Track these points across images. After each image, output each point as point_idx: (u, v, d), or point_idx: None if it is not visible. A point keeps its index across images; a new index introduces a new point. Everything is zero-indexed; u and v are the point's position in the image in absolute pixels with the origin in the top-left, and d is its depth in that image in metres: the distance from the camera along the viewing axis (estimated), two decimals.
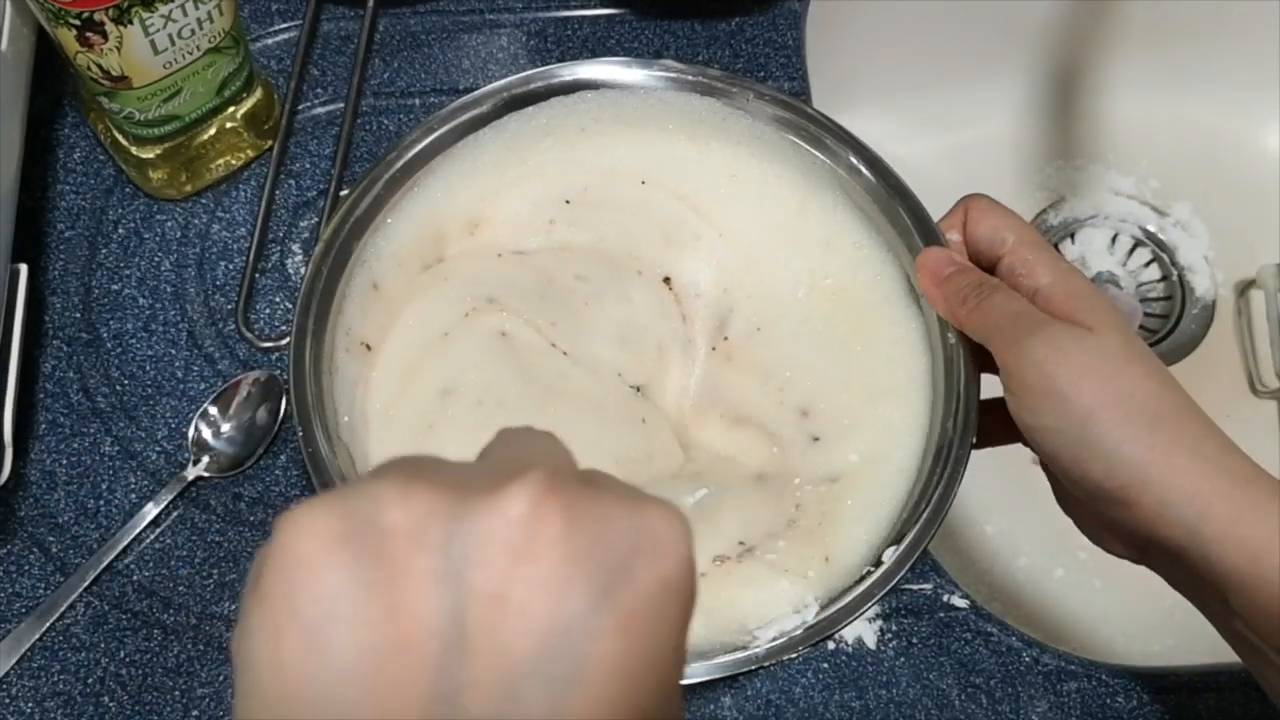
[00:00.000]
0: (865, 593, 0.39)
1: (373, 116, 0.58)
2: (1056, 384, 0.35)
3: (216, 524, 0.50)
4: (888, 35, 0.70)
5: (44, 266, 0.54)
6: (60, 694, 0.47)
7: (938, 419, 0.42)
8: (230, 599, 0.49)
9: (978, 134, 0.75)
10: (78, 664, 0.47)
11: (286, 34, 0.60)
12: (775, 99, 0.46)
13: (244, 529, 0.50)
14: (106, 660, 0.48)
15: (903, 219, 0.44)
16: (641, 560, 0.21)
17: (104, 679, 0.47)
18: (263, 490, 0.51)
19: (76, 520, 0.50)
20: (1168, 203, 0.73)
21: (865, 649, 0.50)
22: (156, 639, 0.48)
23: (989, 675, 0.50)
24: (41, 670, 0.47)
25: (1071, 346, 0.35)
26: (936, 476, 0.41)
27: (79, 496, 0.50)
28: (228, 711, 0.47)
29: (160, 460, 0.51)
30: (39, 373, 0.52)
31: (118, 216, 0.55)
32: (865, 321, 0.45)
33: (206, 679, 0.48)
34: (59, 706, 0.47)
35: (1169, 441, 0.34)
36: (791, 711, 0.49)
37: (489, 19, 0.61)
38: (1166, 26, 0.72)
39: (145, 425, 0.51)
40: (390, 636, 0.19)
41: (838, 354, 0.45)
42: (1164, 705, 0.50)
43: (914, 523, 0.40)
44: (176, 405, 0.52)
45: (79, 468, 0.51)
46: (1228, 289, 0.72)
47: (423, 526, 0.20)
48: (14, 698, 0.47)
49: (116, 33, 0.45)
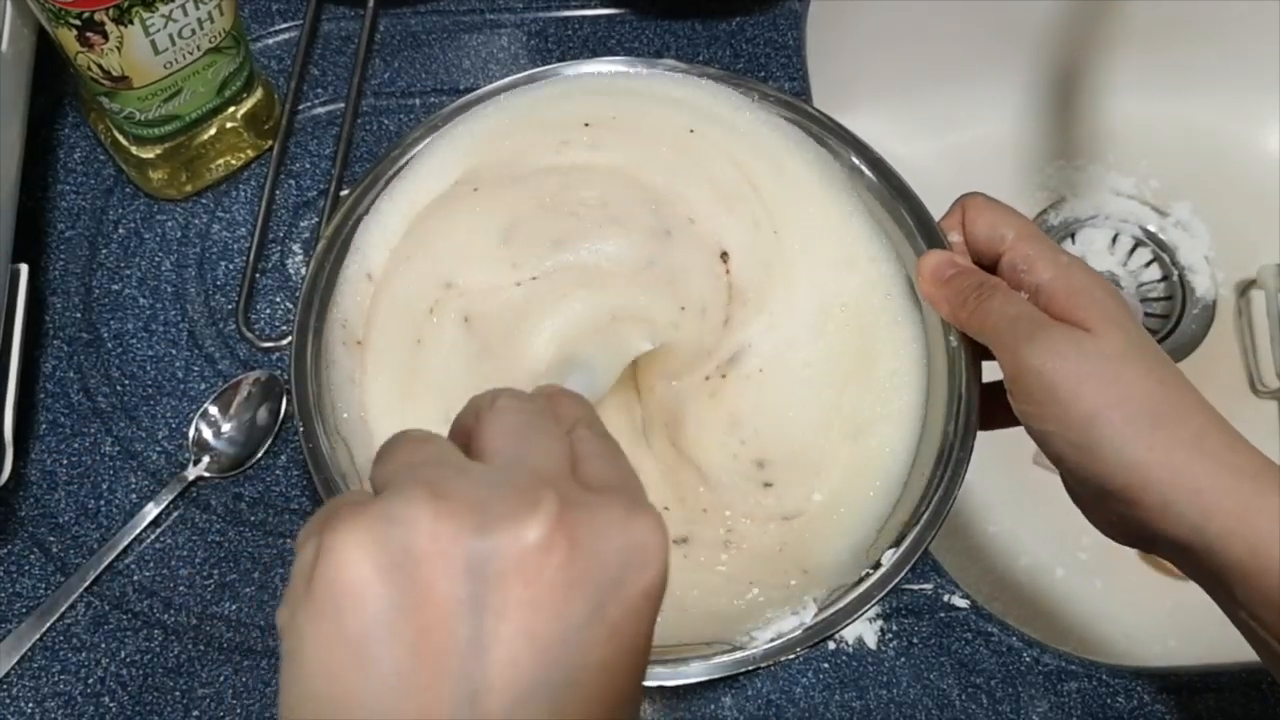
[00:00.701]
0: (864, 595, 0.39)
1: (373, 116, 0.58)
2: (1057, 392, 0.35)
3: (217, 524, 0.50)
4: (888, 35, 0.70)
5: (44, 266, 0.54)
6: (61, 694, 0.47)
7: (936, 426, 0.42)
8: (231, 599, 0.49)
9: (978, 134, 0.75)
10: (78, 664, 0.47)
11: (287, 34, 0.60)
12: (779, 99, 0.46)
13: (244, 529, 0.50)
14: (107, 660, 0.48)
15: (906, 221, 0.44)
16: (629, 574, 0.24)
17: (104, 679, 0.47)
18: (263, 490, 0.51)
19: (77, 520, 0.50)
20: (1168, 203, 0.73)
21: (866, 649, 0.50)
22: (157, 639, 0.48)
23: (990, 675, 0.50)
24: (42, 670, 0.47)
25: (1070, 351, 0.35)
26: (937, 479, 0.40)
27: (79, 496, 0.50)
28: (228, 712, 0.47)
29: (161, 460, 0.51)
30: (39, 373, 0.52)
31: (118, 216, 0.55)
32: (867, 354, 0.44)
33: (207, 679, 0.48)
34: (59, 706, 0.47)
35: (1169, 439, 0.34)
36: (792, 711, 0.49)
37: (489, 19, 0.61)
38: (1167, 27, 0.72)
39: (146, 425, 0.51)
40: (421, 652, 0.23)
41: (830, 396, 0.44)
42: (1164, 705, 0.50)
43: (913, 525, 0.40)
44: (177, 405, 0.52)
45: (79, 468, 0.51)
46: (1228, 289, 0.72)
47: (450, 555, 0.23)
48: (14, 697, 0.47)
49: (117, 33, 0.45)
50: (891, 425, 0.43)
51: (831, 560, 0.41)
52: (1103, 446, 0.35)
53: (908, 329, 0.44)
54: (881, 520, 0.42)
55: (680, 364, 0.44)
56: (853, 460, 0.43)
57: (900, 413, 0.43)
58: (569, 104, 0.46)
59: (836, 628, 0.39)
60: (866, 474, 0.43)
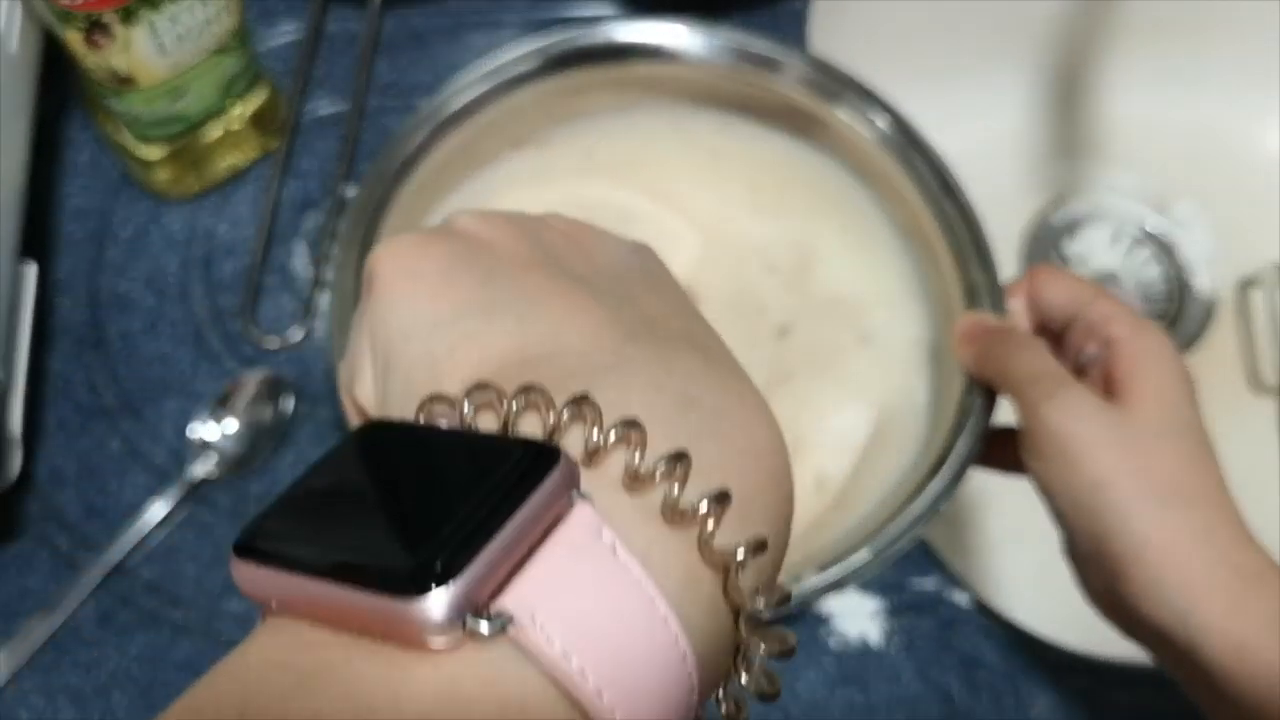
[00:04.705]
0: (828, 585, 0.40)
1: (378, 116, 0.59)
2: (1069, 452, 0.35)
3: (224, 522, 0.50)
4: (889, 34, 0.70)
5: (51, 266, 0.54)
6: (70, 690, 0.47)
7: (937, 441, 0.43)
8: (238, 597, 0.49)
9: (978, 132, 0.75)
10: (87, 660, 0.48)
11: (292, 34, 0.60)
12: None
13: None
14: (116, 657, 0.48)
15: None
16: (648, 260, 0.27)
17: (114, 675, 0.48)
18: (269, 488, 0.51)
19: (85, 518, 0.50)
20: (1168, 201, 0.73)
21: (868, 645, 0.50)
22: (165, 636, 0.48)
23: (992, 671, 0.50)
24: (52, 666, 0.48)
25: (1090, 415, 0.35)
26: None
27: (87, 495, 0.50)
28: None
29: (167, 459, 0.51)
30: (47, 372, 0.52)
31: (124, 216, 0.56)
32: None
33: None
34: (69, 702, 0.47)
35: (1178, 522, 0.34)
36: (795, 707, 0.49)
37: (493, 18, 0.61)
38: (1168, 25, 0.72)
39: (152, 424, 0.52)
40: (502, 254, 0.24)
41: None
42: (1166, 702, 0.50)
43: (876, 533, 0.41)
44: (183, 404, 0.52)
45: (87, 466, 0.51)
46: (1229, 287, 0.72)
47: (494, 224, 0.25)
48: (25, 693, 0.47)
49: (123, 34, 0.45)
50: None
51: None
52: (1106, 511, 0.34)
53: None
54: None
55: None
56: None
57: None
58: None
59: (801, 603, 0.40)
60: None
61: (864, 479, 0.44)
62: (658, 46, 0.46)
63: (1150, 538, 0.34)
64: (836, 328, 0.47)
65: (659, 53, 0.46)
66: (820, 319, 0.47)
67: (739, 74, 0.46)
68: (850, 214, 0.48)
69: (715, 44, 0.46)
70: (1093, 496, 0.35)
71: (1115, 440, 0.35)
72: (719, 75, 0.47)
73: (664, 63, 0.46)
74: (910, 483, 0.42)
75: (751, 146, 0.48)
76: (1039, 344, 0.39)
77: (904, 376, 0.46)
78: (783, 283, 0.47)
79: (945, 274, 0.45)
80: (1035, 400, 0.36)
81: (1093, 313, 0.39)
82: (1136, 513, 0.34)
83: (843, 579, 0.40)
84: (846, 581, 0.40)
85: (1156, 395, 0.36)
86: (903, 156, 0.45)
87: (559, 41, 0.46)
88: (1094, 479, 0.35)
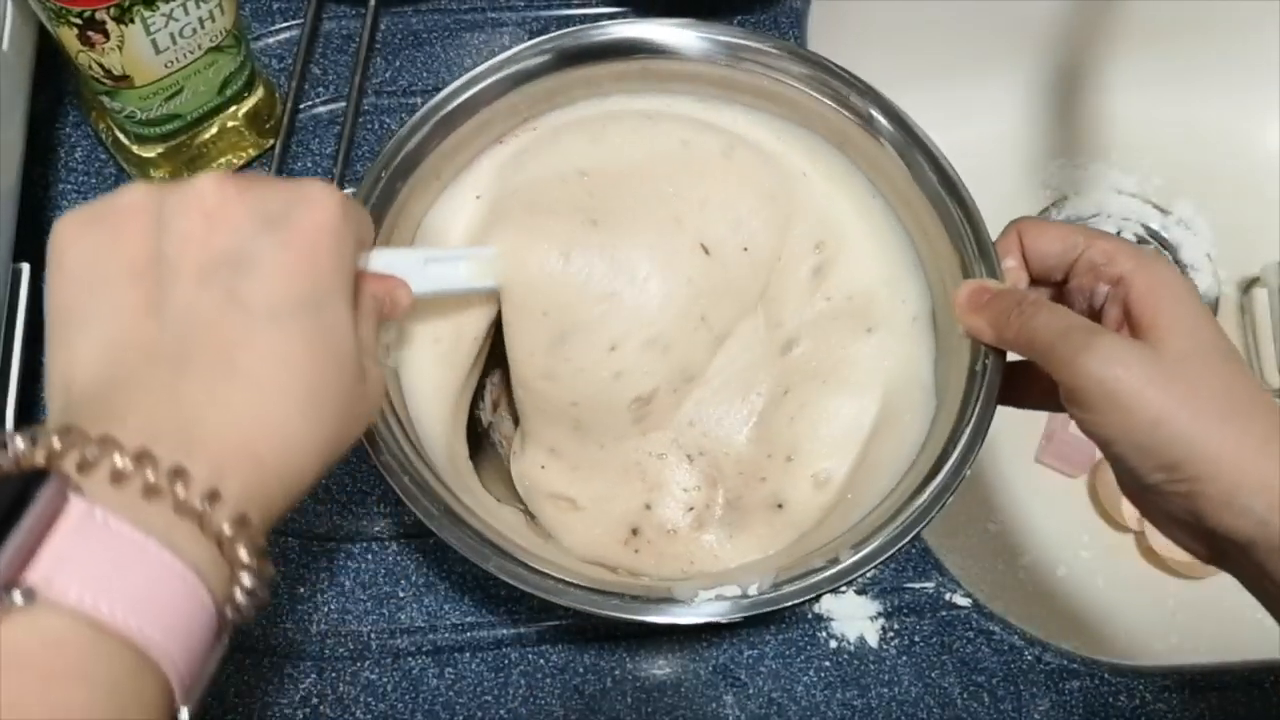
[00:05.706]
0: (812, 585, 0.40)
1: (375, 115, 0.58)
2: (1118, 398, 0.35)
3: None
4: (889, 34, 0.70)
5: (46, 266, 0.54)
6: None
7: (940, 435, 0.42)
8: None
9: (980, 132, 0.75)
10: None
11: (288, 33, 0.60)
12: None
13: None
14: None
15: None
16: (297, 210, 0.30)
17: None
18: None
19: None
20: (1170, 201, 0.73)
21: (867, 647, 0.50)
22: None
23: (991, 674, 0.50)
24: None
25: (1129, 358, 0.35)
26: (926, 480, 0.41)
27: None
28: (230, 710, 0.47)
29: None
30: (41, 373, 0.52)
31: None
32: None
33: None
34: None
35: (1239, 433, 0.34)
36: (793, 709, 0.49)
37: (490, 17, 0.61)
38: (1168, 25, 0.72)
39: None
40: (121, 259, 0.30)
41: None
42: (1166, 704, 0.50)
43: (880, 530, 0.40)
44: None
45: None
46: (1230, 287, 0.72)
47: (142, 203, 0.30)
48: None
49: (118, 32, 0.45)
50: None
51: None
52: (1172, 445, 0.35)
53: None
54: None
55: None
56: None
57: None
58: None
59: (783, 605, 0.39)
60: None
61: (865, 478, 0.44)
62: (658, 45, 0.46)
63: (1221, 453, 0.34)
64: (843, 325, 0.46)
65: (660, 51, 0.46)
66: (828, 317, 0.47)
67: (739, 73, 0.46)
68: (859, 214, 0.47)
69: (715, 43, 0.46)
70: (1154, 434, 0.35)
71: (1158, 375, 0.35)
72: (719, 75, 0.46)
73: (664, 61, 0.46)
74: (911, 482, 0.42)
75: (753, 146, 0.48)
76: (1053, 303, 0.39)
77: (907, 360, 0.45)
78: (786, 283, 0.47)
79: (947, 273, 0.44)
80: (1069, 355, 0.36)
81: (1095, 253, 0.39)
82: (1201, 436, 0.34)
83: (842, 580, 0.39)
84: (845, 582, 0.40)
85: (1181, 323, 0.36)
86: (905, 156, 0.45)
87: (558, 40, 0.45)
88: (1150, 418, 0.35)
